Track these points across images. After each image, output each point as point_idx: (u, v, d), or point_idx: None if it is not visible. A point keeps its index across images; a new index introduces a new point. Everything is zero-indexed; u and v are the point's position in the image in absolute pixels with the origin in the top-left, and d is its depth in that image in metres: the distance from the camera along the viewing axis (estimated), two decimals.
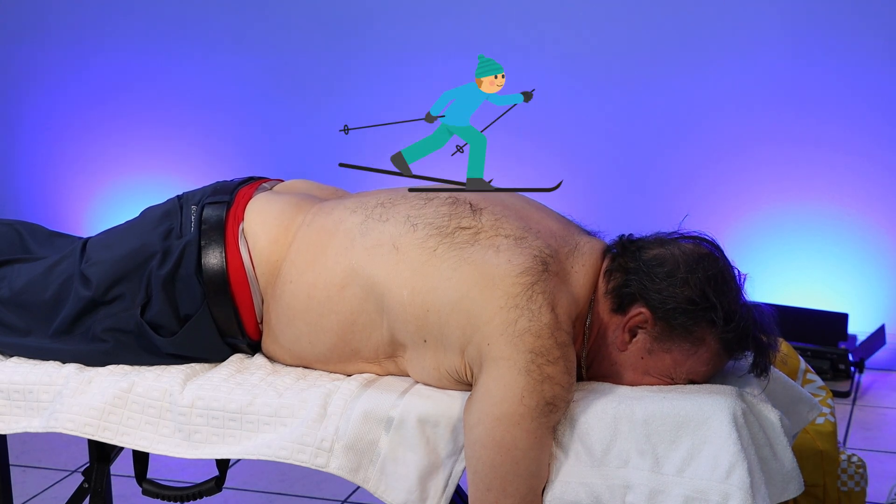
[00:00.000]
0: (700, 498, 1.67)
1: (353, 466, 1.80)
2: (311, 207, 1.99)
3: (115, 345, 1.96)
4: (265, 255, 1.94)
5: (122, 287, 1.96)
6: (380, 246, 1.85)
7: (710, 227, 1.95)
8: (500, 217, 1.87)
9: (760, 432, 1.74)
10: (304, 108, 4.26)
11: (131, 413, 1.90)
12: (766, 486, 1.70)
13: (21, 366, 1.99)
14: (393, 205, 1.91)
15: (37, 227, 2.22)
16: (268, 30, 4.24)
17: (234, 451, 1.85)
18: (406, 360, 1.87)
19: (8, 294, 2.02)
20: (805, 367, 2.47)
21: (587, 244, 1.89)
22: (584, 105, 4.00)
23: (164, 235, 1.98)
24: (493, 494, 1.72)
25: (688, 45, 3.87)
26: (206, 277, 1.93)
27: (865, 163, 3.77)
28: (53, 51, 4.45)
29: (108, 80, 4.43)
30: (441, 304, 1.79)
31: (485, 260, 1.79)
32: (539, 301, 1.75)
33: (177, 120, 4.39)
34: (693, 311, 1.78)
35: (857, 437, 3.28)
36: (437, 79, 4.09)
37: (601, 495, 1.71)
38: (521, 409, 1.70)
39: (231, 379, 1.91)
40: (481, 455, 1.72)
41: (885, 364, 3.84)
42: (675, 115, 3.90)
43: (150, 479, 2.01)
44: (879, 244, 3.83)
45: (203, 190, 2.06)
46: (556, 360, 1.73)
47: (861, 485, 2.43)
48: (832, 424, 2.40)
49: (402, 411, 1.80)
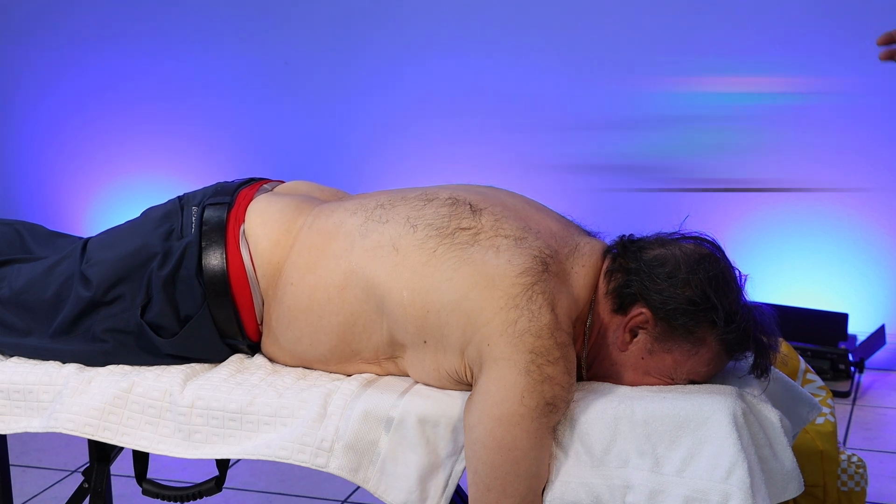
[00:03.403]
0: (700, 498, 1.67)
1: (353, 466, 1.80)
2: (312, 209, 1.99)
3: (115, 345, 1.96)
4: (266, 256, 1.94)
5: (123, 287, 1.96)
6: (380, 247, 1.85)
7: (711, 228, 1.95)
8: (500, 217, 1.86)
9: (760, 432, 1.74)
10: (305, 108, 4.26)
11: (131, 413, 1.90)
12: (767, 486, 1.70)
13: (21, 366, 1.99)
14: (393, 206, 1.91)
15: (37, 227, 2.22)
16: (268, 29, 4.24)
17: (234, 451, 1.85)
18: (406, 361, 1.87)
19: (8, 294, 2.02)
20: (805, 367, 2.47)
21: (587, 244, 1.89)
22: (584, 105, 4.00)
23: (165, 236, 1.98)
24: (494, 494, 1.72)
25: (688, 44, 3.87)
26: (206, 278, 1.93)
27: (866, 163, 3.77)
28: (54, 50, 4.45)
29: (108, 80, 4.43)
30: (441, 304, 1.79)
31: (485, 260, 1.79)
32: (539, 301, 1.75)
33: (177, 120, 4.39)
34: (694, 312, 1.78)
35: (857, 437, 3.28)
36: (437, 79, 4.10)
37: (601, 495, 1.71)
38: (521, 410, 1.70)
39: (231, 379, 1.91)
40: (481, 455, 1.72)
41: (885, 364, 3.84)
42: (676, 114, 3.90)
43: (150, 479, 2.01)
44: (879, 244, 3.83)
45: (204, 191, 2.06)
46: (557, 360, 1.73)
47: (861, 485, 2.43)
48: (832, 424, 2.40)
49: (402, 411, 1.80)
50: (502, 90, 4.05)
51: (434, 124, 4.13)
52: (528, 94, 4.03)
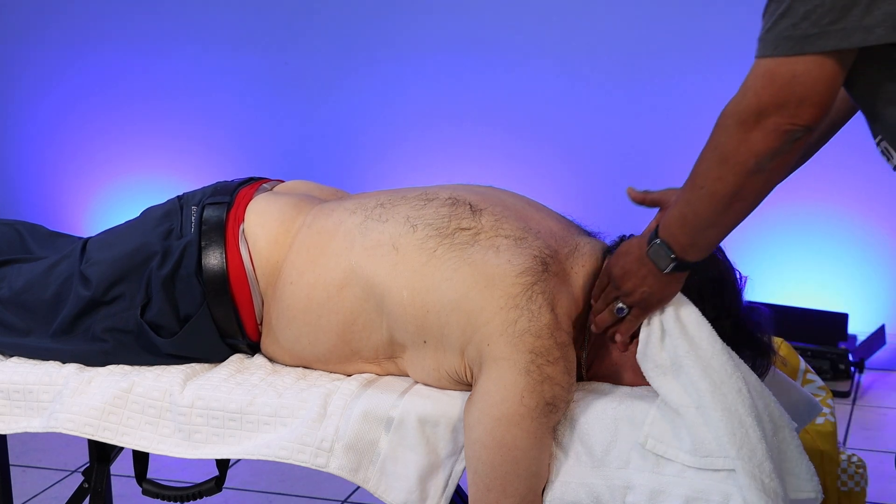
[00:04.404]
0: (701, 498, 1.67)
1: (353, 466, 1.80)
2: (312, 209, 1.99)
3: (114, 345, 1.96)
4: (265, 255, 1.94)
5: (122, 287, 1.96)
6: (379, 246, 1.85)
7: None
8: (500, 218, 1.86)
9: (770, 427, 1.74)
10: (305, 108, 4.26)
11: (131, 413, 1.90)
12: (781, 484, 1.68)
13: (21, 366, 1.99)
14: (393, 205, 1.91)
15: (37, 227, 2.22)
16: (268, 29, 4.24)
17: (234, 451, 1.85)
18: (406, 361, 1.87)
19: (8, 294, 2.02)
20: (805, 367, 2.47)
21: (587, 244, 1.89)
22: (583, 105, 4.00)
23: (165, 236, 1.98)
24: (494, 494, 1.72)
25: (688, 44, 3.87)
26: (206, 278, 1.93)
27: (866, 163, 3.76)
28: (54, 50, 4.45)
29: (108, 80, 4.42)
30: (441, 304, 1.79)
31: (485, 260, 1.79)
32: (539, 301, 1.75)
33: (177, 119, 4.39)
34: None
35: (857, 437, 3.28)
36: (437, 78, 4.10)
37: (601, 495, 1.71)
38: (521, 410, 1.70)
39: (231, 379, 1.91)
40: (481, 455, 1.72)
41: (885, 364, 3.84)
42: (676, 114, 3.90)
43: (150, 479, 2.01)
44: (879, 244, 3.83)
45: (203, 190, 2.06)
46: (556, 360, 1.73)
47: (861, 485, 2.43)
48: (832, 424, 2.40)
49: (402, 411, 1.80)
50: (502, 90, 4.05)
51: (434, 124, 4.13)
52: (529, 94, 4.03)
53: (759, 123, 1.49)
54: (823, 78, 1.45)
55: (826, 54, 1.44)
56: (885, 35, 1.43)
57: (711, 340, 1.71)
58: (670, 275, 1.68)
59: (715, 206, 1.57)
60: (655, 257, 1.67)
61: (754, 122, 1.49)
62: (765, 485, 1.62)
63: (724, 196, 1.56)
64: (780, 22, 1.45)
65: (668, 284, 1.70)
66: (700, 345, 1.71)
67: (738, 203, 1.56)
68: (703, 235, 1.63)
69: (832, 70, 1.45)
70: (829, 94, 1.46)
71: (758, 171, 1.52)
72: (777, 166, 1.52)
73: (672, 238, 1.65)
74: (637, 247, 1.71)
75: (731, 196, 1.55)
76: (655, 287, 1.70)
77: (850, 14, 1.42)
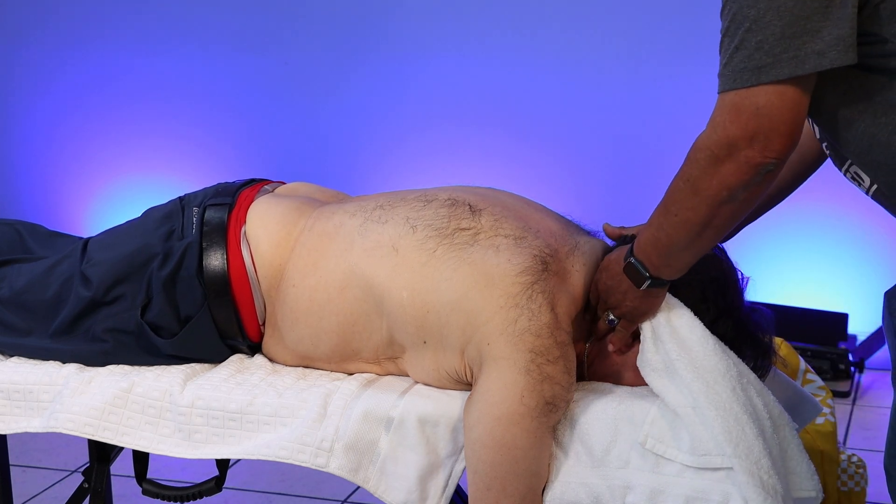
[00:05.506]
0: (701, 498, 1.67)
1: (353, 466, 1.80)
2: (313, 212, 1.99)
3: (115, 345, 1.96)
4: (268, 258, 1.94)
5: (123, 288, 1.96)
6: (379, 247, 1.85)
7: None
8: (500, 217, 1.86)
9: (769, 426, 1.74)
10: (305, 108, 4.26)
11: (131, 413, 1.90)
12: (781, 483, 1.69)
13: (21, 366, 1.99)
14: (392, 207, 1.91)
15: (37, 227, 2.22)
16: (268, 29, 4.24)
17: (234, 451, 1.85)
18: (406, 361, 1.87)
19: (8, 294, 2.02)
20: (805, 367, 2.47)
21: (587, 244, 1.89)
22: (584, 106, 4.00)
23: (166, 237, 1.98)
24: (493, 494, 1.72)
25: (688, 44, 3.87)
26: (207, 279, 1.93)
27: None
28: (54, 50, 4.45)
29: (107, 80, 4.42)
30: (441, 304, 1.79)
31: (484, 260, 1.79)
32: (539, 300, 1.75)
33: (177, 120, 4.39)
34: (694, 313, 1.77)
35: (857, 437, 3.28)
36: (437, 78, 4.10)
37: (601, 495, 1.71)
38: (520, 409, 1.70)
39: (231, 379, 1.91)
40: (481, 454, 1.72)
41: (885, 364, 3.83)
42: (676, 115, 3.90)
43: (150, 479, 2.01)
44: (879, 244, 3.83)
45: (205, 191, 2.06)
46: (556, 359, 1.73)
47: (861, 485, 2.43)
48: (832, 424, 2.40)
49: (402, 411, 1.80)
50: (503, 90, 4.05)
51: (434, 125, 4.13)
52: (529, 95, 4.03)
53: (730, 157, 1.51)
54: (786, 106, 1.47)
55: (785, 82, 1.46)
56: (837, 58, 1.45)
57: (703, 341, 1.72)
58: (648, 290, 1.70)
59: (688, 232, 1.61)
60: (631, 275, 1.71)
61: (726, 156, 1.51)
62: (763, 482, 1.63)
63: (695, 224, 1.59)
64: (735, 55, 1.47)
65: (648, 299, 1.73)
66: (692, 347, 1.72)
67: (710, 231, 1.60)
68: (677, 258, 1.66)
69: (794, 97, 1.47)
70: (795, 122, 1.48)
71: (730, 201, 1.55)
72: (749, 196, 1.55)
73: (646, 258, 1.69)
74: (615, 262, 1.75)
75: (703, 225, 1.59)
76: (637, 301, 1.74)
77: (800, 40, 1.44)
